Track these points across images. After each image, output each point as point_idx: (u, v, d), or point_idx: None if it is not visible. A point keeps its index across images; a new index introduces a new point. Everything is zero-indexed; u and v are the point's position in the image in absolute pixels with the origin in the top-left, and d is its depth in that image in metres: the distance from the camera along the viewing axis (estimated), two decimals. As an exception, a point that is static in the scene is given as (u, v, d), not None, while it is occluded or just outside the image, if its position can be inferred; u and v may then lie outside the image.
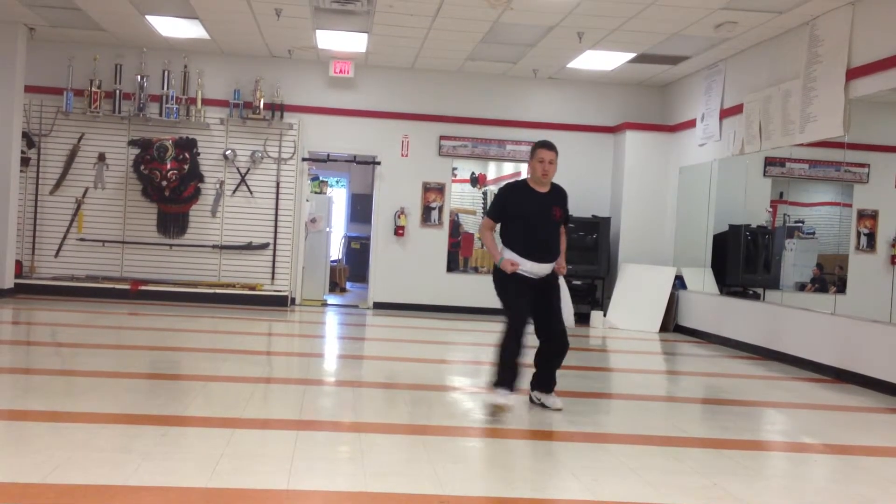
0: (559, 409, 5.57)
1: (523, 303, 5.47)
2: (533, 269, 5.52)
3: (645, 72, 11.74)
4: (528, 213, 5.58)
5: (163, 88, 11.70)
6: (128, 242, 11.82)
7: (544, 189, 5.65)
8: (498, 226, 5.77)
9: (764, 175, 10.04)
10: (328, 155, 12.54)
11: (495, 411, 5.33)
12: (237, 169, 12.00)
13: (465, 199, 13.66)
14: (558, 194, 5.74)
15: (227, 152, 11.94)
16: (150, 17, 10.27)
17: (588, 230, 12.18)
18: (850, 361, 7.67)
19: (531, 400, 5.74)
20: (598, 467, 4.30)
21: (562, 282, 5.76)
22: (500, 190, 5.91)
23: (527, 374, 5.60)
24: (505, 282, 5.57)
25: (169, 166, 11.41)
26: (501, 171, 13.94)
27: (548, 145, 5.66)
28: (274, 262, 12.05)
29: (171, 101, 11.68)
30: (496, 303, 5.65)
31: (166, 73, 11.71)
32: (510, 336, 5.37)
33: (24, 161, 11.48)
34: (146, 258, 11.83)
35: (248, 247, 12.01)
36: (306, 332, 10.35)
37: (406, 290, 12.42)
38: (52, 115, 11.66)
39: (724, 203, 10.69)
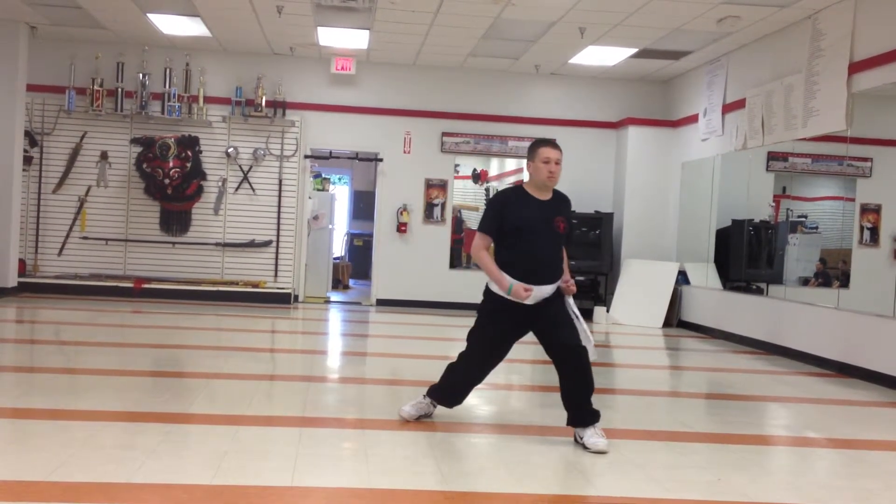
0: (603, 452, 4.41)
1: (496, 345, 4.78)
2: (535, 294, 4.61)
3: (647, 67, 11.72)
4: (529, 226, 4.64)
5: (165, 86, 11.70)
6: (131, 241, 11.83)
7: (546, 196, 4.74)
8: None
9: (767, 170, 10.03)
10: (330, 152, 12.53)
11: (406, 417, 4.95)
12: (239, 166, 12.01)
13: (467, 196, 13.67)
14: (562, 202, 4.82)
15: (230, 150, 11.94)
16: (151, 15, 10.26)
17: (591, 226, 12.17)
18: (853, 356, 7.66)
19: (575, 439, 4.63)
20: (602, 462, 4.30)
21: (571, 304, 4.74)
22: (494, 199, 4.89)
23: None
24: (496, 312, 4.69)
25: (171, 164, 11.41)
26: (504, 168, 13.93)
27: (552, 143, 4.77)
28: (277, 259, 12.05)
29: (173, 99, 11.68)
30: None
31: (168, 71, 11.71)
32: (462, 372, 4.88)
33: (27, 160, 11.49)
34: (149, 256, 11.84)
35: (251, 244, 12.02)
36: (309, 329, 10.36)
37: (409, 287, 12.42)
38: (55, 114, 11.67)
39: (726, 198, 10.68)
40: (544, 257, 4.63)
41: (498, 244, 4.75)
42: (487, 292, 4.77)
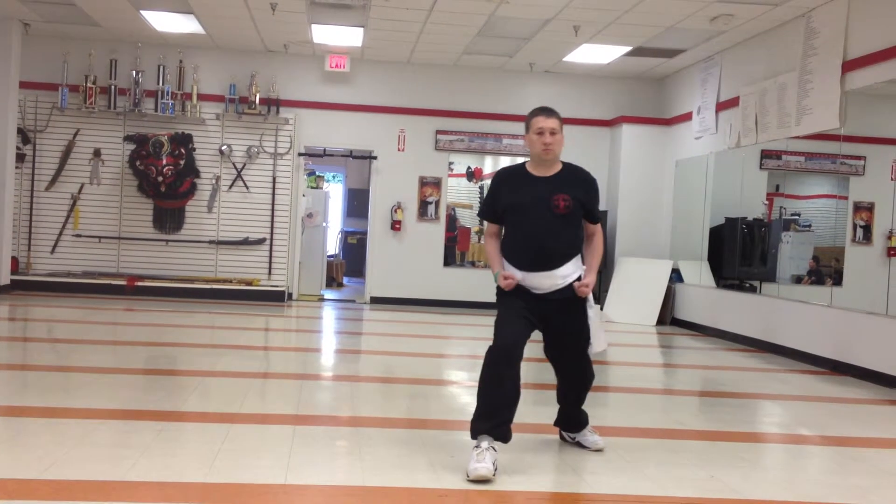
0: (600, 450, 4.43)
1: (513, 329, 4.08)
2: (531, 282, 4.17)
3: (641, 65, 11.73)
4: (519, 207, 4.18)
5: (158, 84, 11.67)
6: (124, 238, 11.80)
7: (548, 172, 4.25)
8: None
9: (760, 168, 10.05)
10: (324, 150, 12.52)
11: (476, 479, 3.78)
12: (233, 164, 11.98)
13: (461, 194, 13.65)
14: (569, 178, 4.26)
15: (223, 147, 11.92)
16: (144, 12, 10.24)
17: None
18: (846, 353, 7.68)
19: (562, 438, 4.62)
20: (595, 460, 4.31)
21: (591, 302, 4.28)
22: (492, 179, 4.39)
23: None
24: (501, 297, 4.25)
25: (165, 162, 11.39)
26: (498, 166, 13.91)
27: (547, 111, 4.33)
28: (271, 257, 12.04)
29: (167, 97, 11.65)
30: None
31: (161, 69, 11.68)
32: (486, 364, 4.02)
33: (20, 157, 11.45)
34: (142, 254, 11.82)
35: (245, 242, 12.00)
36: (303, 327, 10.35)
37: (403, 285, 12.42)
38: (48, 111, 11.63)
39: (720, 196, 10.69)
40: (537, 240, 4.13)
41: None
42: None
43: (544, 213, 4.14)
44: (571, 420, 4.53)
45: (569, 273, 4.19)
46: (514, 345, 4.04)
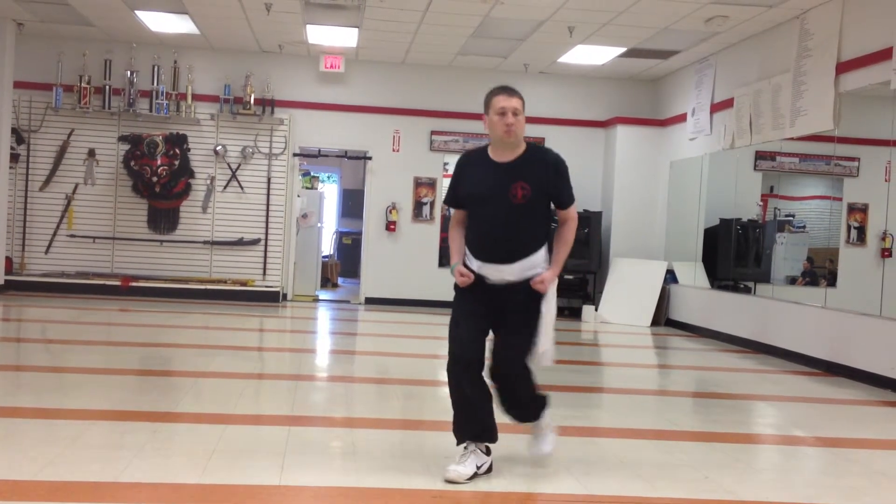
0: (547, 454, 4.16)
1: (467, 327, 3.90)
2: (489, 274, 3.88)
3: (636, 66, 11.75)
4: (478, 195, 3.91)
5: (152, 84, 11.65)
6: (118, 238, 11.78)
7: (508, 156, 3.91)
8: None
9: (754, 169, 10.07)
10: (319, 150, 12.51)
11: (447, 480, 3.79)
12: (228, 164, 11.97)
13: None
14: (530, 162, 3.91)
15: (218, 148, 11.90)
16: (139, 13, 10.22)
17: (580, 225, 12.13)
18: (840, 354, 7.70)
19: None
20: (589, 461, 4.31)
21: (551, 300, 3.90)
22: (456, 163, 4.15)
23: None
24: (456, 294, 4.03)
25: (159, 162, 11.37)
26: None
27: (508, 90, 3.99)
28: (265, 257, 12.02)
29: (161, 97, 11.63)
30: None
31: (156, 69, 11.66)
32: (449, 377, 3.92)
33: (14, 157, 11.42)
34: (137, 254, 11.79)
35: (240, 242, 11.98)
36: (298, 328, 10.34)
37: (398, 286, 12.41)
38: (42, 111, 11.60)
39: (714, 197, 10.71)
40: (494, 231, 3.85)
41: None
42: None
43: (502, 202, 3.84)
44: (516, 416, 4.10)
45: (530, 266, 3.87)
46: (471, 350, 3.86)
